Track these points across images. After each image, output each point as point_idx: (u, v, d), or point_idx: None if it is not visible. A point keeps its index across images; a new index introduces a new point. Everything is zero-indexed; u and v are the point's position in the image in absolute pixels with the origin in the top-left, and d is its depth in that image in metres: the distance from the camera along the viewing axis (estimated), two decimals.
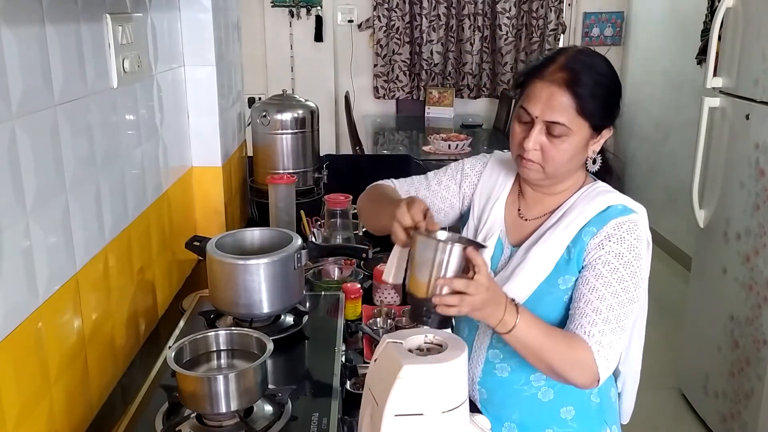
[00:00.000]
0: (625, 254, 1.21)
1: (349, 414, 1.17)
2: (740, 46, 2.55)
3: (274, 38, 5.28)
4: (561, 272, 1.26)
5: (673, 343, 3.35)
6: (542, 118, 1.21)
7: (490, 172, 1.42)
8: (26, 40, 1.00)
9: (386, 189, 1.47)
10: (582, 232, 1.25)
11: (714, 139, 2.76)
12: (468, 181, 1.43)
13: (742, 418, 2.54)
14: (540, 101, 1.21)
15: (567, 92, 1.19)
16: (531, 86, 1.23)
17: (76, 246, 1.17)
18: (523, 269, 1.26)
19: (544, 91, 1.20)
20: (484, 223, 1.36)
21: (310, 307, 1.53)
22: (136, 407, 1.15)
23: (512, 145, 1.28)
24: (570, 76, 1.19)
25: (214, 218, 1.97)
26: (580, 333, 1.20)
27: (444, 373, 0.91)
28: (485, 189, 1.40)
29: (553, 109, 1.20)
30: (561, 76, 1.20)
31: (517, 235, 1.34)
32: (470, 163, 1.45)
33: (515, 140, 1.26)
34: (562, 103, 1.19)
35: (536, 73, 1.23)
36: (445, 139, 4.13)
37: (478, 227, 1.37)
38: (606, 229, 1.23)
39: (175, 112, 1.78)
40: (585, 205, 1.27)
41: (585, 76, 1.20)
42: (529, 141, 1.22)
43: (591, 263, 1.23)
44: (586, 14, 5.55)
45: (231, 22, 2.12)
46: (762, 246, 2.41)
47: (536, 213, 1.34)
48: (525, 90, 1.25)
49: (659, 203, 4.82)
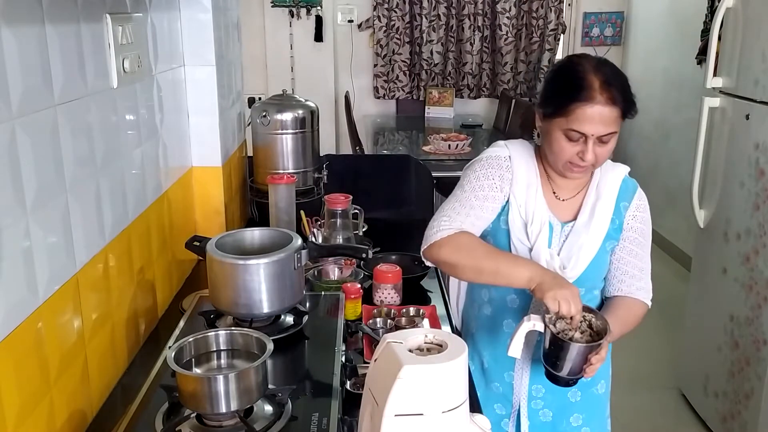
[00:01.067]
0: (647, 218, 1.52)
1: (349, 414, 1.17)
2: (740, 46, 2.55)
3: (274, 38, 5.28)
4: (609, 238, 1.48)
5: (673, 343, 3.35)
6: (596, 134, 1.34)
7: (517, 162, 1.49)
8: (26, 40, 1.00)
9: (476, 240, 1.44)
10: (618, 205, 1.48)
11: (714, 139, 2.76)
12: (506, 179, 1.48)
13: (742, 418, 2.54)
14: (593, 122, 1.33)
15: (613, 107, 1.33)
16: (577, 110, 1.33)
17: (76, 246, 1.17)
18: (585, 246, 1.45)
19: (595, 113, 1.32)
20: (533, 211, 1.46)
21: (310, 307, 1.52)
22: (136, 407, 1.15)
23: (558, 158, 1.40)
24: (611, 93, 1.33)
25: (214, 218, 1.97)
26: (634, 291, 1.51)
27: (444, 373, 0.91)
28: (521, 179, 1.48)
29: (606, 125, 1.34)
30: (606, 96, 1.32)
31: (562, 213, 1.49)
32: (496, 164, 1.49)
33: (565, 155, 1.39)
34: (611, 118, 1.34)
35: (577, 98, 1.33)
36: (445, 139, 4.13)
37: (526, 216, 1.46)
38: (635, 201, 1.50)
39: (175, 112, 1.78)
40: (608, 177, 1.48)
41: (619, 85, 1.34)
42: (587, 155, 1.36)
43: (629, 233, 1.49)
44: (586, 14, 5.55)
45: (231, 22, 2.12)
46: (762, 246, 2.41)
47: (570, 192, 1.50)
48: (567, 113, 1.34)
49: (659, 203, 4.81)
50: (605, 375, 1.61)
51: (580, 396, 1.56)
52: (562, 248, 1.47)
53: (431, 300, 1.78)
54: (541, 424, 1.56)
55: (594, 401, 1.59)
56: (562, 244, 1.47)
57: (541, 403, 1.55)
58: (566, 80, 1.37)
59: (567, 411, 1.56)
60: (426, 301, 1.77)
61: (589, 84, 1.33)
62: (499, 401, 1.58)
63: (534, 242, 1.44)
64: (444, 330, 1.50)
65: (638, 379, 3.24)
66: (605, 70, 1.36)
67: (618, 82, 1.35)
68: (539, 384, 1.53)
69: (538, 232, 1.44)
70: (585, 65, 1.36)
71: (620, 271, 1.52)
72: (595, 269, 1.48)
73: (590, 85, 1.33)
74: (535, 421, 1.56)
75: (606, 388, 1.62)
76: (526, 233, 1.45)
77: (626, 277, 1.52)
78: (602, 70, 1.35)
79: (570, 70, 1.38)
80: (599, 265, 1.49)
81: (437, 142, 4.10)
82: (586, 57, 1.40)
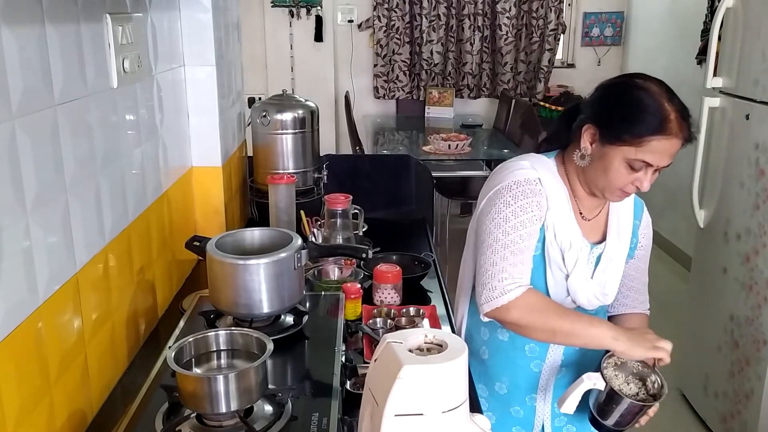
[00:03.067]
0: (650, 234, 1.56)
1: (349, 414, 1.17)
2: (740, 46, 2.55)
3: (274, 38, 5.28)
4: (628, 256, 1.51)
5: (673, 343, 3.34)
6: (662, 165, 1.31)
7: (549, 183, 1.42)
8: (26, 40, 1.00)
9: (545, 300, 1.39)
10: (634, 224, 1.51)
11: (714, 139, 2.76)
12: (542, 205, 1.40)
13: (742, 418, 2.54)
14: (665, 155, 1.30)
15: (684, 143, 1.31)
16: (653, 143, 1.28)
17: (76, 246, 1.17)
18: (619, 262, 1.47)
19: (670, 147, 1.29)
20: (569, 237, 1.41)
21: (310, 307, 1.52)
22: (136, 407, 1.14)
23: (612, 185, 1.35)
24: (689, 128, 1.30)
25: (214, 218, 1.96)
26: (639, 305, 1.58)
27: (444, 373, 0.91)
28: (555, 204, 1.41)
29: (673, 157, 1.31)
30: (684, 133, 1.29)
31: (590, 234, 1.47)
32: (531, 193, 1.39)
33: (621, 182, 1.34)
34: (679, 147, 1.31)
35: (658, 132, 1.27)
36: (445, 139, 4.13)
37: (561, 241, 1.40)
38: (644, 218, 1.54)
39: (175, 112, 1.78)
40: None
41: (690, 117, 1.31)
42: (645, 184, 1.33)
43: (639, 251, 1.53)
44: (586, 14, 5.55)
45: (231, 22, 2.12)
46: (762, 246, 2.41)
47: (593, 211, 1.48)
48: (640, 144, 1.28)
49: (659, 203, 4.82)
50: None
51: None
52: (595, 272, 1.45)
53: (431, 300, 1.78)
54: None
55: None
56: (593, 266, 1.46)
57: (564, 419, 1.53)
58: (640, 109, 1.28)
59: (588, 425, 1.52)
60: (426, 301, 1.77)
61: (667, 116, 1.27)
62: (518, 424, 1.55)
63: (572, 270, 1.41)
64: (444, 330, 1.50)
65: None
66: (677, 101, 1.30)
67: (689, 114, 1.31)
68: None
69: (576, 259, 1.40)
70: (656, 91, 1.29)
71: (626, 287, 1.55)
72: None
73: (668, 117, 1.27)
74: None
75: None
76: (562, 260, 1.41)
77: (631, 292, 1.56)
78: (674, 100, 1.30)
79: (643, 98, 1.29)
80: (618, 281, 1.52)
81: (437, 142, 4.10)
82: (651, 80, 1.33)
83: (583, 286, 1.42)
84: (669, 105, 1.28)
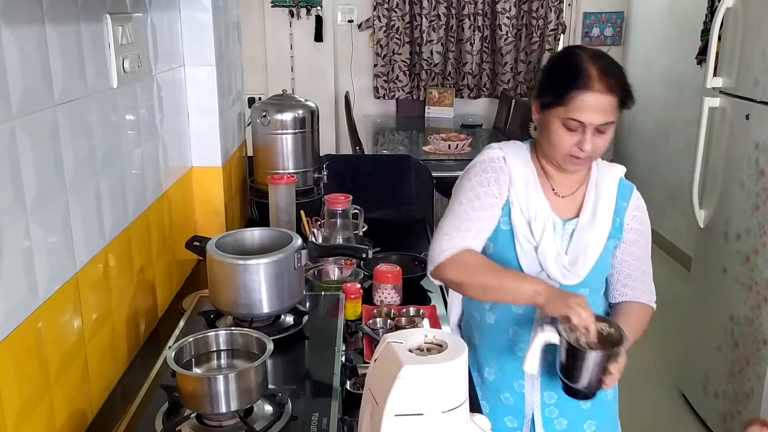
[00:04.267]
0: (645, 219, 1.52)
1: (349, 414, 1.17)
2: (740, 46, 2.55)
3: (274, 38, 5.28)
4: (611, 237, 1.47)
5: (673, 343, 3.35)
6: (594, 123, 1.34)
7: (513, 162, 1.48)
8: (26, 40, 1.00)
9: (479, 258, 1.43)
10: (618, 205, 1.48)
11: (714, 139, 2.76)
12: (503, 182, 1.47)
13: (742, 418, 2.54)
14: (592, 110, 1.33)
15: (612, 95, 1.34)
16: (576, 98, 1.33)
17: (76, 246, 1.17)
18: (593, 240, 1.45)
19: (594, 101, 1.33)
20: (536, 209, 1.45)
21: (310, 307, 1.52)
22: (136, 407, 1.15)
23: (558, 149, 1.40)
24: (610, 81, 1.33)
25: (214, 218, 1.97)
26: (639, 295, 1.52)
27: (444, 373, 0.91)
28: (519, 178, 1.47)
29: (605, 114, 1.34)
30: (604, 84, 1.33)
31: (563, 210, 1.48)
32: (490, 167, 1.48)
33: (565, 146, 1.38)
34: (610, 106, 1.34)
35: (577, 86, 1.33)
36: (445, 139, 4.13)
37: (529, 214, 1.46)
38: (633, 201, 1.50)
39: (175, 112, 1.78)
40: (606, 177, 1.49)
41: (616, 74, 1.36)
42: (586, 145, 1.35)
43: (630, 234, 1.49)
44: (586, 14, 5.55)
45: (231, 22, 2.12)
46: (762, 246, 2.41)
47: (568, 189, 1.49)
48: (566, 102, 1.34)
49: (659, 203, 4.82)
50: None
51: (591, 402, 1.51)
52: (569, 247, 1.46)
53: (431, 300, 1.78)
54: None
55: (605, 407, 1.57)
56: (566, 242, 1.46)
57: (556, 411, 1.52)
58: (564, 69, 1.38)
59: (581, 418, 1.54)
60: (426, 301, 1.77)
61: (588, 72, 1.33)
62: (509, 413, 1.54)
63: (540, 240, 1.43)
64: (444, 330, 1.50)
65: (638, 379, 3.24)
66: (603, 60, 1.37)
67: (616, 72, 1.36)
68: (551, 390, 1.50)
69: (543, 229, 1.44)
70: (582, 55, 1.37)
71: (623, 275, 1.52)
72: (599, 269, 1.48)
73: (588, 74, 1.33)
74: (551, 429, 1.53)
75: (614, 393, 1.60)
76: (530, 231, 1.44)
77: (629, 280, 1.52)
78: (600, 60, 1.37)
79: (568, 60, 1.39)
80: (603, 265, 1.49)
81: (437, 142, 4.10)
82: (583, 48, 1.41)
83: (553, 258, 1.43)
84: (590, 64, 1.34)
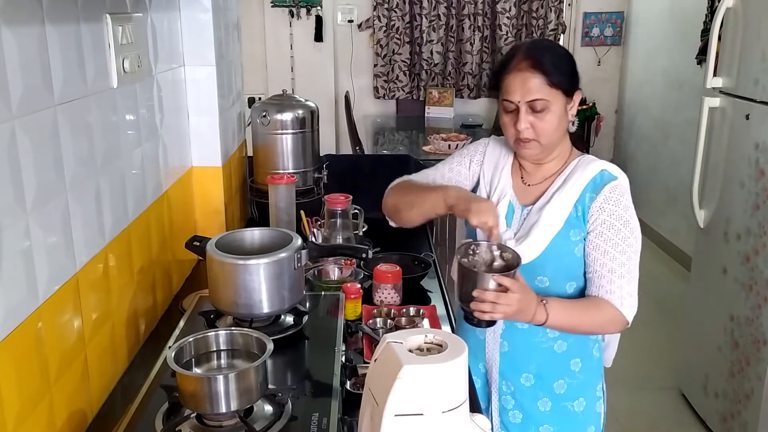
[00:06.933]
0: (623, 214, 1.42)
1: (349, 414, 1.17)
2: (740, 46, 2.55)
3: (274, 38, 5.28)
4: (572, 226, 1.44)
5: (673, 343, 3.35)
6: (524, 100, 1.40)
7: (493, 148, 1.61)
8: (26, 40, 1.00)
9: (415, 181, 1.63)
10: (584, 195, 1.44)
11: (714, 139, 2.76)
12: (476, 159, 1.61)
13: (742, 418, 2.54)
14: (517, 89, 1.40)
15: (535, 72, 1.39)
16: (505, 80, 1.43)
17: (76, 246, 1.17)
18: (538, 226, 1.44)
19: (517, 79, 1.40)
20: (495, 187, 1.54)
21: (310, 307, 1.52)
22: (136, 407, 1.15)
23: (507, 135, 1.48)
24: (532, 60, 1.40)
25: (214, 218, 1.97)
26: (603, 294, 1.43)
27: (444, 373, 0.91)
28: (491, 161, 1.58)
29: (530, 90, 1.39)
30: (526, 63, 1.40)
31: (526, 197, 1.52)
32: (473, 146, 1.63)
33: (508, 129, 1.46)
34: (535, 83, 1.39)
35: (504, 70, 1.43)
36: (445, 139, 4.13)
37: (490, 192, 1.55)
38: (603, 193, 1.42)
39: (175, 112, 1.78)
40: (582, 171, 1.47)
41: (543, 55, 1.41)
42: (520, 123, 1.41)
43: (596, 227, 1.43)
44: (586, 14, 5.55)
45: (231, 22, 2.12)
46: (762, 246, 2.41)
47: (538, 179, 1.52)
48: (500, 87, 1.45)
49: (659, 203, 4.82)
50: (585, 392, 1.53)
51: (550, 406, 1.52)
52: (520, 229, 1.48)
53: (431, 300, 1.78)
54: (511, 425, 1.55)
55: (568, 417, 1.53)
56: (520, 226, 1.49)
57: (512, 402, 1.54)
58: (500, 60, 1.49)
59: (536, 419, 1.53)
60: (426, 301, 1.77)
61: (512, 55, 1.43)
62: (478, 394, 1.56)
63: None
64: (444, 330, 1.50)
65: (638, 379, 3.24)
66: (534, 44, 1.45)
67: (542, 52, 1.41)
68: (509, 381, 1.53)
69: (496, 205, 1.47)
70: (519, 46, 1.46)
71: (589, 269, 1.45)
72: (556, 256, 1.43)
73: (512, 56, 1.43)
74: (505, 419, 1.55)
75: (585, 406, 1.53)
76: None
77: (595, 276, 1.43)
78: (532, 45, 1.44)
79: (505, 53, 1.50)
80: (560, 253, 1.43)
81: (437, 142, 4.10)
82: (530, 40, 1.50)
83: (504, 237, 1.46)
84: (519, 50, 1.43)
